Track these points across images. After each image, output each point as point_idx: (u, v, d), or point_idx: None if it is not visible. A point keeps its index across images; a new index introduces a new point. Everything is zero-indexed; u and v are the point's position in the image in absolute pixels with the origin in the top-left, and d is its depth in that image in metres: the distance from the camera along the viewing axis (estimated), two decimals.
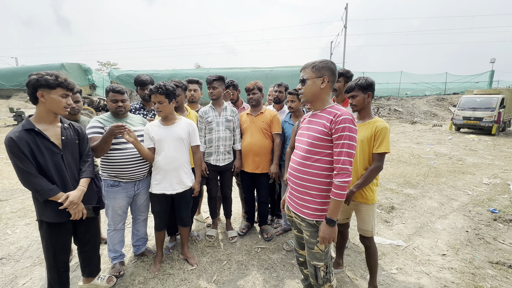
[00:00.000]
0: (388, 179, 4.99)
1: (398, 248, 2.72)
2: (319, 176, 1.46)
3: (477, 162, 6.43)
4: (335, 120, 1.38)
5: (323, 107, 1.51)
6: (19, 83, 17.85)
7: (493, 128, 10.64)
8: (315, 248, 1.51)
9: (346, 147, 1.35)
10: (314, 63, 1.49)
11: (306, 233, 1.54)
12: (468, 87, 19.14)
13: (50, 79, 1.57)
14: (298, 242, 1.75)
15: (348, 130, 1.36)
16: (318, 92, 1.49)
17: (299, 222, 1.58)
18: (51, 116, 1.67)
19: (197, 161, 2.40)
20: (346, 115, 1.37)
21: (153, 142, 2.19)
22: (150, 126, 2.22)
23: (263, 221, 2.98)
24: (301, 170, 1.51)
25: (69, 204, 1.64)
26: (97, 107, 13.28)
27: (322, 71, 1.47)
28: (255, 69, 15.42)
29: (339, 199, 1.37)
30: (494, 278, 2.26)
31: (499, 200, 3.98)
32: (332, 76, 1.48)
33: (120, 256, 2.35)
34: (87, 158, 1.86)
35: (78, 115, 2.44)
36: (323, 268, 1.51)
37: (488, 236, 2.96)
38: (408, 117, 15.84)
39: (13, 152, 1.52)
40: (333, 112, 1.43)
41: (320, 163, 1.45)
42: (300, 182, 1.53)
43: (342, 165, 1.35)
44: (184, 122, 2.29)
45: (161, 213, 2.29)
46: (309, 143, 1.48)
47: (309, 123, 1.57)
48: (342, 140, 1.36)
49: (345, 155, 1.35)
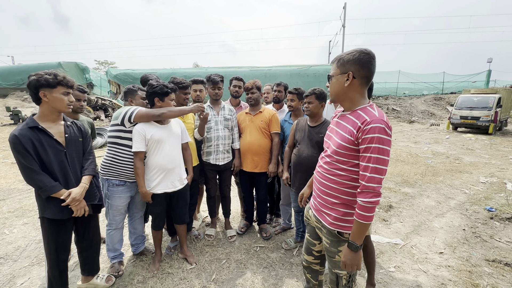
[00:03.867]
0: (386, 178, 5.02)
1: (396, 247, 2.74)
2: (344, 186, 1.27)
3: (474, 161, 6.48)
4: (363, 128, 1.15)
5: (353, 108, 1.27)
6: (15, 82, 17.70)
7: (490, 127, 10.71)
8: (336, 257, 1.35)
9: (373, 162, 1.12)
10: (341, 56, 1.27)
11: (326, 241, 1.37)
12: (465, 86, 19.24)
13: (50, 78, 1.59)
14: (306, 247, 1.63)
15: (377, 142, 1.12)
16: (343, 91, 1.27)
17: (319, 227, 1.43)
18: (54, 115, 1.69)
19: (188, 157, 2.41)
20: (377, 123, 1.12)
21: (145, 144, 2.09)
22: (143, 127, 2.09)
23: (262, 220, 2.99)
24: (325, 176, 1.35)
25: (71, 201, 1.66)
26: (94, 106, 13.21)
27: (346, 66, 1.23)
28: (253, 68, 15.37)
29: (363, 221, 1.14)
30: (491, 276, 2.29)
31: (496, 198, 4.01)
32: (362, 70, 1.21)
33: (119, 256, 2.34)
34: (89, 156, 1.88)
35: (77, 114, 2.44)
36: (345, 277, 1.36)
37: (485, 234, 2.99)
38: (406, 116, 15.91)
39: (17, 149, 1.54)
40: (363, 117, 1.18)
41: (347, 173, 1.25)
42: (323, 188, 1.36)
43: (367, 183, 1.13)
44: (174, 121, 2.31)
45: (161, 213, 2.29)
46: (333, 151, 1.28)
47: (336, 125, 1.35)
48: (369, 153, 1.13)
49: (371, 171, 1.12)
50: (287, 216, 3.05)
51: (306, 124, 2.39)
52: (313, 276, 1.69)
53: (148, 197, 2.14)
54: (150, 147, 2.12)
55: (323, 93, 2.27)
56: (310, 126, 2.36)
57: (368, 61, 1.21)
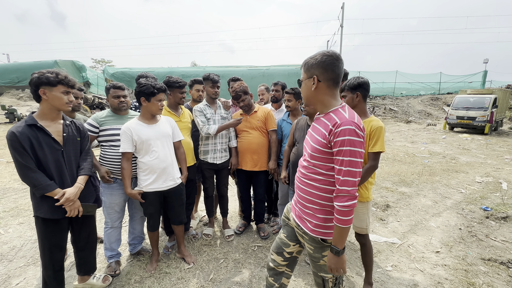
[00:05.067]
0: (384, 178, 5.04)
1: (393, 246, 2.76)
2: (322, 191, 1.24)
3: (470, 161, 6.53)
4: (334, 131, 1.13)
5: (326, 110, 1.25)
6: (10, 80, 17.46)
7: (486, 127, 10.81)
8: (321, 261, 1.32)
9: (346, 165, 1.10)
10: (306, 61, 1.27)
11: (310, 247, 1.34)
12: (462, 87, 19.40)
13: (51, 77, 1.60)
14: (278, 247, 1.53)
15: (348, 144, 1.09)
16: (312, 95, 1.26)
17: (300, 233, 1.39)
18: (53, 113, 1.69)
19: (181, 156, 2.39)
20: (347, 125, 1.10)
21: (134, 145, 2.07)
22: (132, 126, 2.07)
23: (260, 219, 2.99)
24: (303, 181, 1.32)
25: (65, 201, 1.65)
26: (91, 105, 13.12)
27: (311, 70, 1.24)
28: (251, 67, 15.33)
29: (341, 225, 1.13)
30: (486, 274, 2.31)
31: (491, 198, 4.05)
32: (326, 73, 1.21)
33: (116, 255, 2.33)
34: (86, 156, 1.87)
35: (73, 113, 2.43)
36: (331, 280, 1.33)
37: (481, 233, 3.01)
38: (403, 116, 16.00)
39: (14, 146, 1.54)
40: (333, 119, 1.16)
41: (323, 177, 1.23)
42: (302, 194, 1.33)
43: (341, 186, 1.12)
44: (164, 119, 2.27)
45: (154, 214, 2.26)
46: (309, 154, 1.27)
47: (312, 128, 1.33)
48: (342, 156, 1.11)
49: (344, 175, 1.11)
50: None
51: (305, 124, 2.39)
52: (276, 279, 1.58)
53: (136, 197, 2.12)
54: (138, 147, 2.10)
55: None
56: (309, 125, 2.36)
57: (331, 63, 1.20)
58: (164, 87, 2.13)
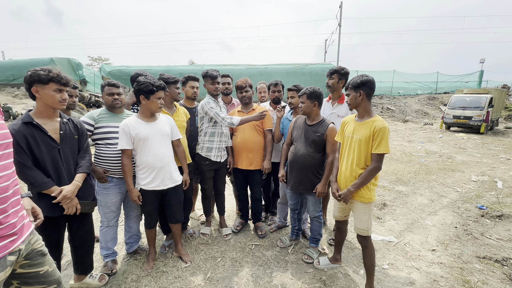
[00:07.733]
0: (381, 177, 5.07)
1: (389, 244, 2.77)
2: None
3: (466, 160, 6.59)
4: None
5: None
6: (6, 77, 17.24)
7: (482, 127, 10.89)
8: None
9: None
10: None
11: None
12: (458, 86, 19.52)
13: (43, 74, 1.57)
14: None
15: None
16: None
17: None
18: (49, 111, 1.68)
19: (181, 154, 2.38)
20: None
21: (132, 142, 2.06)
22: (130, 123, 2.05)
23: (257, 218, 2.99)
24: None
25: (62, 198, 1.64)
26: (88, 103, 13.00)
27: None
28: (249, 66, 15.27)
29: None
30: (481, 272, 2.33)
31: (487, 197, 4.09)
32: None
33: (112, 254, 2.32)
34: (85, 154, 1.86)
35: (69, 111, 2.41)
36: None
37: (476, 231, 3.04)
38: (400, 115, 16.07)
39: None
40: None
41: None
42: None
43: None
44: (163, 118, 2.25)
45: (152, 211, 2.26)
46: None
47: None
48: None
49: None
50: (284, 215, 3.06)
51: (303, 123, 2.39)
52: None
53: (135, 196, 2.10)
54: (136, 145, 2.08)
55: (315, 92, 2.26)
56: (307, 124, 2.35)
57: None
58: (163, 85, 2.12)
